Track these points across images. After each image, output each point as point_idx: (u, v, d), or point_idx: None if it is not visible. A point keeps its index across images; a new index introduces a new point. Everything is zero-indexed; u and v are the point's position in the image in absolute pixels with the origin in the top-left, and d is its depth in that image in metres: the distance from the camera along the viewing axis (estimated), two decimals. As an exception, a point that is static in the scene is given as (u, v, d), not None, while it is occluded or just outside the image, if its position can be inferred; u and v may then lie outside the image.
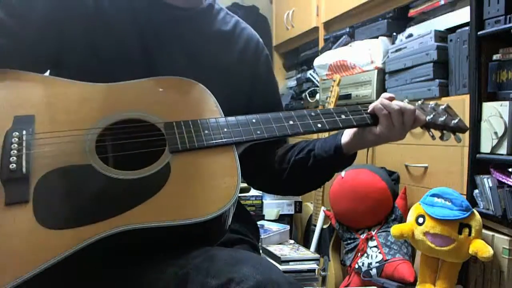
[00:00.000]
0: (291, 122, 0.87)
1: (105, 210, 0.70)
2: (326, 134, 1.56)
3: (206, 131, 0.80)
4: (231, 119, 0.84)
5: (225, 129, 0.82)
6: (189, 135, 0.80)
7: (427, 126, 0.98)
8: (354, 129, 0.94)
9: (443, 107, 1.01)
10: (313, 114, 0.90)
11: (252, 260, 0.69)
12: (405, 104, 0.92)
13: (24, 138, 0.74)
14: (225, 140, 0.80)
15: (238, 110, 0.87)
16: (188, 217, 0.71)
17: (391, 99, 0.93)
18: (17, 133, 0.75)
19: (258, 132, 0.84)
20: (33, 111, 0.79)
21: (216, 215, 0.72)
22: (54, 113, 0.80)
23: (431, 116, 0.97)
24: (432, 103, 1.01)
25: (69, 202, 0.71)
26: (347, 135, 0.95)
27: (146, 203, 0.72)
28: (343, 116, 0.91)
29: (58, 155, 0.74)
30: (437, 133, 1.00)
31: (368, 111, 0.93)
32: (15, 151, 0.73)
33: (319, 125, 0.89)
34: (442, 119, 0.97)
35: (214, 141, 0.80)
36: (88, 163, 0.74)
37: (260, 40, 1.08)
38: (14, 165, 0.71)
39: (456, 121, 0.99)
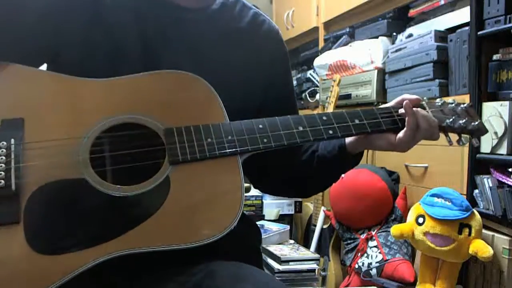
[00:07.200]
0: (300, 128, 0.81)
1: (101, 233, 0.66)
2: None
3: (209, 139, 0.75)
4: (236, 124, 0.78)
5: (229, 137, 0.76)
6: (191, 144, 0.74)
7: (444, 130, 0.92)
8: None
9: (464, 106, 0.93)
10: (324, 118, 0.84)
11: (253, 278, 0.67)
12: (429, 115, 0.87)
13: (12, 148, 0.67)
14: (229, 150, 0.75)
15: (250, 114, 0.82)
16: (192, 241, 0.67)
17: (417, 101, 0.88)
18: (4, 143, 0.68)
19: (265, 140, 0.78)
20: (22, 114, 0.71)
21: (221, 236, 0.68)
22: (45, 115, 0.72)
23: (451, 119, 0.91)
24: (451, 100, 0.94)
25: (62, 223, 0.66)
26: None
27: (145, 223, 0.67)
28: (356, 121, 0.85)
29: (49, 168, 0.68)
30: (454, 136, 0.93)
31: (395, 114, 0.87)
32: (3, 165, 0.66)
33: (331, 132, 0.83)
34: (461, 121, 0.91)
35: (217, 152, 0.75)
36: (82, 177, 0.68)
37: (280, 34, 1.00)
38: (3, 181, 0.65)
39: (476, 123, 0.92)
